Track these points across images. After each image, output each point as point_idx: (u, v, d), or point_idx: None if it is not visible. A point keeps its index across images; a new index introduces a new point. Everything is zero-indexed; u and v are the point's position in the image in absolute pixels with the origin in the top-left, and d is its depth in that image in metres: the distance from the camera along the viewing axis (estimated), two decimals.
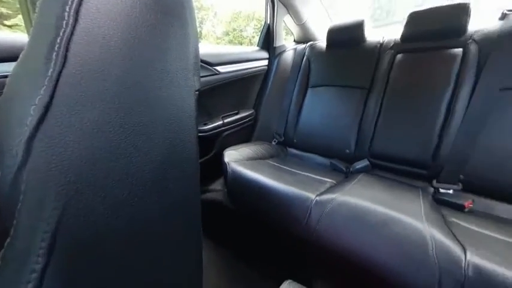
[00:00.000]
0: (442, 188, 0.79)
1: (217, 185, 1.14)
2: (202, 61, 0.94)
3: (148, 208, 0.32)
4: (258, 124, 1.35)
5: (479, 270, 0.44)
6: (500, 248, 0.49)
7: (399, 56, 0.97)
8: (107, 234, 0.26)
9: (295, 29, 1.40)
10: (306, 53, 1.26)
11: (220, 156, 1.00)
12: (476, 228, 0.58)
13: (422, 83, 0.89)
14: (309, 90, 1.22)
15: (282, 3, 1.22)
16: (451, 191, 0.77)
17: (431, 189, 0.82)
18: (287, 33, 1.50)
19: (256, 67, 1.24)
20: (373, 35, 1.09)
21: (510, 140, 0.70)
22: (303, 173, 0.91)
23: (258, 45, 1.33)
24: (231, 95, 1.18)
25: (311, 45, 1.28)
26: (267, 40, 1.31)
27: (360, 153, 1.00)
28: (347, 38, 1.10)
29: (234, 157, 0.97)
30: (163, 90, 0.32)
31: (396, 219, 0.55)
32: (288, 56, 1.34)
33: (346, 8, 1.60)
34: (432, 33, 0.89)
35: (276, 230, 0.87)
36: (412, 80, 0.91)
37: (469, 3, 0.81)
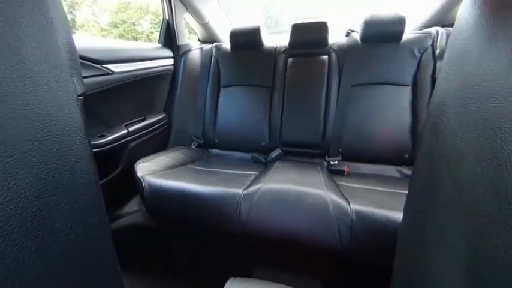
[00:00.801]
0: (331, 161, 1.04)
1: (133, 206, 0.96)
2: (84, 58, 0.74)
3: (22, 266, 0.23)
4: (174, 128, 1.24)
5: (359, 214, 0.62)
6: (367, 195, 0.72)
7: (290, 59, 1.17)
8: None
9: (198, 28, 1.38)
10: (214, 54, 1.27)
11: (131, 171, 0.85)
12: (353, 185, 0.81)
13: (307, 82, 1.12)
14: (222, 90, 1.25)
15: (180, 0, 1.16)
16: (336, 162, 1.03)
17: (325, 163, 1.07)
18: (190, 32, 1.45)
19: (160, 66, 1.12)
20: (268, 40, 1.25)
21: (360, 121, 1.02)
22: (228, 170, 0.93)
23: (159, 43, 1.21)
24: (133, 99, 1.01)
25: (217, 46, 1.30)
26: (169, 37, 1.21)
27: (274, 143, 1.15)
28: (248, 41, 1.21)
29: (149, 169, 0.85)
30: (21, 98, 0.23)
31: (306, 193, 0.68)
32: (195, 55, 1.30)
33: (242, 14, 1.73)
34: (308, 42, 1.14)
35: (209, 233, 0.84)
36: (301, 80, 1.13)
37: (327, 22, 1.09)
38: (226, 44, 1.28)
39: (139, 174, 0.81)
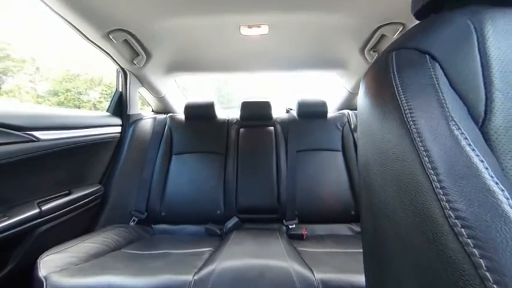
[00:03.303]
0: (289, 225, 1.02)
1: None
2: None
3: None
4: (109, 203, 1.04)
5: (324, 283, 0.57)
6: (328, 259, 0.70)
7: (242, 129, 1.30)
8: None
9: (152, 101, 1.43)
10: (167, 123, 1.30)
11: (31, 268, 0.60)
12: (313, 250, 0.79)
13: (259, 149, 1.22)
14: (174, 157, 1.20)
15: (136, 77, 1.23)
16: (294, 225, 1.02)
17: (284, 228, 1.04)
18: (143, 104, 1.49)
19: (104, 134, 1.04)
20: (221, 114, 1.39)
21: (309, 183, 1.11)
22: (175, 250, 0.78)
23: (108, 111, 1.17)
24: (59, 169, 0.85)
25: (171, 116, 1.35)
26: (120, 107, 1.20)
27: (230, 211, 1.08)
28: (203, 114, 1.31)
29: (60, 263, 0.63)
30: None
31: (268, 266, 0.61)
32: (146, 124, 1.29)
33: (197, 92, 1.95)
34: (257, 116, 1.32)
35: None
36: (253, 147, 1.23)
37: (269, 101, 1.32)
38: (181, 115, 1.35)
39: (41, 273, 0.58)
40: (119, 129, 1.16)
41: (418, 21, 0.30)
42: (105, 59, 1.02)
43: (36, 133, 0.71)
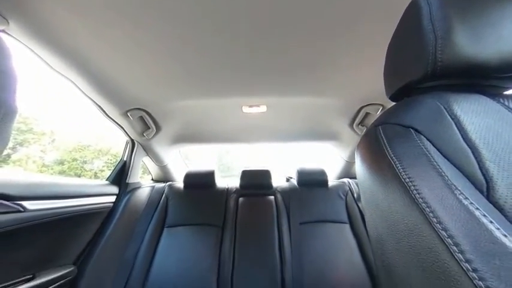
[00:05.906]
0: None
1: None
2: None
3: None
4: (80, 286, 0.86)
5: None
6: None
7: (241, 199, 1.25)
8: None
9: (154, 169, 1.45)
10: (165, 191, 1.26)
11: None
12: None
13: (259, 221, 1.14)
14: (165, 231, 1.10)
15: (143, 147, 1.30)
16: None
17: None
18: (144, 172, 1.50)
19: (96, 203, 0.99)
20: (221, 182, 1.38)
21: (317, 262, 0.97)
22: None
23: (108, 180, 1.16)
24: (26, 249, 0.74)
25: (170, 184, 1.33)
26: (120, 175, 1.20)
27: None
28: (202, 182, 1.30)
29: None
30: None
31: None
32: (143, 193, 1.25)
33: (198, 161, 2.02)
34: (256, 185, 1.30)
35: None
36: (253, 218, 1.15)
37: (269, 170, 1.34)
38: (180, 184, 1.33)
39: None
40: (113, 198, 1.11)
41: (394, 103, 0.35)
42: (117, 131, 1.12)
43: (25, 203, 0.68)
